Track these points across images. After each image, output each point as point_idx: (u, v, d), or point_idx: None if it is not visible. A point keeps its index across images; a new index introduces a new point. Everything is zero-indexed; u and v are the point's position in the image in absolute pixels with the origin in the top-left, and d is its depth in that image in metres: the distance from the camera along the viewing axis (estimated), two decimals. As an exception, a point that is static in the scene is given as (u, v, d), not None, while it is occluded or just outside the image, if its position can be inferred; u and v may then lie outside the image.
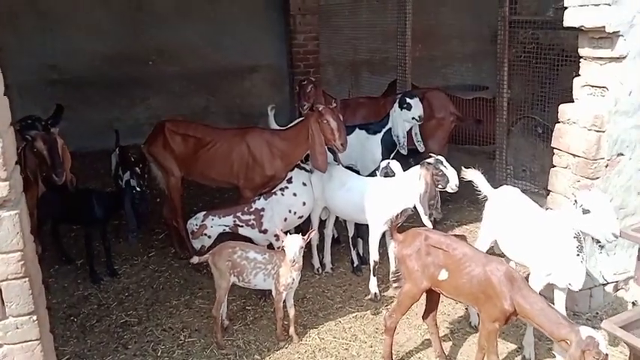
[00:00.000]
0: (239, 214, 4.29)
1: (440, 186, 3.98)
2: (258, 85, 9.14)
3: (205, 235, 4.25)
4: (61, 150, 3.86)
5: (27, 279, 2.44)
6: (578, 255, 3.12)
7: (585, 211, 2.99)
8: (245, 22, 8.67)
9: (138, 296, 4.51)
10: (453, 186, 3.97)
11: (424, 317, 3.65)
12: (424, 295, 3.51)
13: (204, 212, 4.36)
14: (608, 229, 2.97)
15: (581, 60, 3.87)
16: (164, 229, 5.43)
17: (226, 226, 4.27)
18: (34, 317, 2.50)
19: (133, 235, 5.37)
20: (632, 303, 3.28)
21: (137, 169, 5.19)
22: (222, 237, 4.29)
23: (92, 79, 8.11)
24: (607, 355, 2.70)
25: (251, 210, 4.31)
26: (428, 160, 4.05)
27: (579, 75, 3.88)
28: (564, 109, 3.89)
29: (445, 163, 4.00)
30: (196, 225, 4.19)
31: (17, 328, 2.47)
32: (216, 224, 4.30)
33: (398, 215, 3.59)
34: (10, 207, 2.33)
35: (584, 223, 3.03)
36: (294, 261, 3.59)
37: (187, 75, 8.64)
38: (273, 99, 7.41)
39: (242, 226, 4.28)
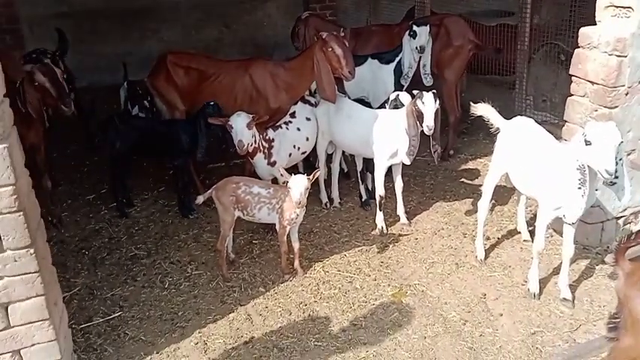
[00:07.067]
0: (262, 134, 4.12)
1: (418, 123, 3.75)
2: (273, 14, 8.87)
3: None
4: (61, 78, 3.83)
5: (21, 213, 2.44)
6: (579, 188, 2.96)
7: (587, 143, 2.82)
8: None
9: (147, 230, 4.56)
10: (425, 127, 3.72)
11: None
12: None
13: None
14: (603, 164, 2.77)
15: (607, -22, 3.54)
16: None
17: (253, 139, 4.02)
18: (32, 250, 2.52)
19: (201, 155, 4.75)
20: (642, 235, 3.16)
21: (145, 102, 5.14)
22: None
23: (103, 11, 7.94)
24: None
25: (266, 137, 4.17)
26: (415, 94, 3.81)
27: (604, -6, 3.57)
28: (586, 32, 3.61)
29: (426, 99, 3.70)
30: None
31: (15, 260, 2.50)
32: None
33: (631, 234, 2.55)
34: (-1, 141, 2.29)
35: (585, 155, 2.86)
36: (299, 202, 3.53)
37: (200, 6, 8.39)
38: (287, 29, 7.14)
39: (260, 150, 4.11)
